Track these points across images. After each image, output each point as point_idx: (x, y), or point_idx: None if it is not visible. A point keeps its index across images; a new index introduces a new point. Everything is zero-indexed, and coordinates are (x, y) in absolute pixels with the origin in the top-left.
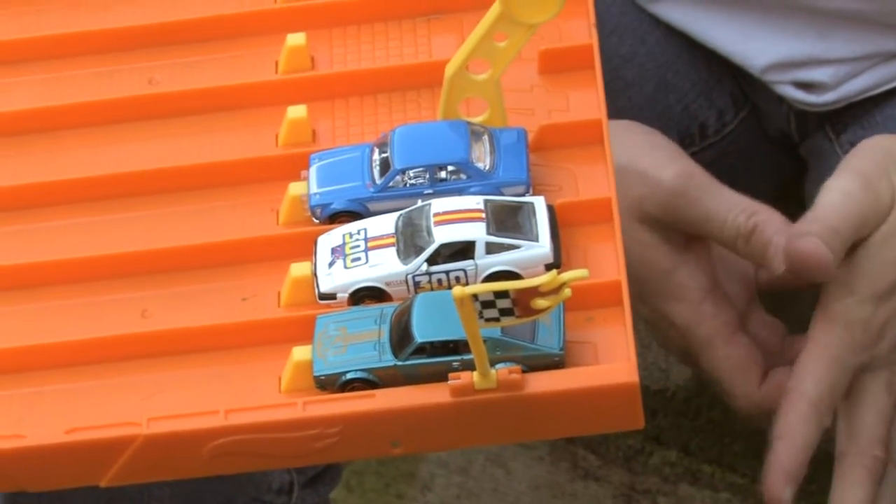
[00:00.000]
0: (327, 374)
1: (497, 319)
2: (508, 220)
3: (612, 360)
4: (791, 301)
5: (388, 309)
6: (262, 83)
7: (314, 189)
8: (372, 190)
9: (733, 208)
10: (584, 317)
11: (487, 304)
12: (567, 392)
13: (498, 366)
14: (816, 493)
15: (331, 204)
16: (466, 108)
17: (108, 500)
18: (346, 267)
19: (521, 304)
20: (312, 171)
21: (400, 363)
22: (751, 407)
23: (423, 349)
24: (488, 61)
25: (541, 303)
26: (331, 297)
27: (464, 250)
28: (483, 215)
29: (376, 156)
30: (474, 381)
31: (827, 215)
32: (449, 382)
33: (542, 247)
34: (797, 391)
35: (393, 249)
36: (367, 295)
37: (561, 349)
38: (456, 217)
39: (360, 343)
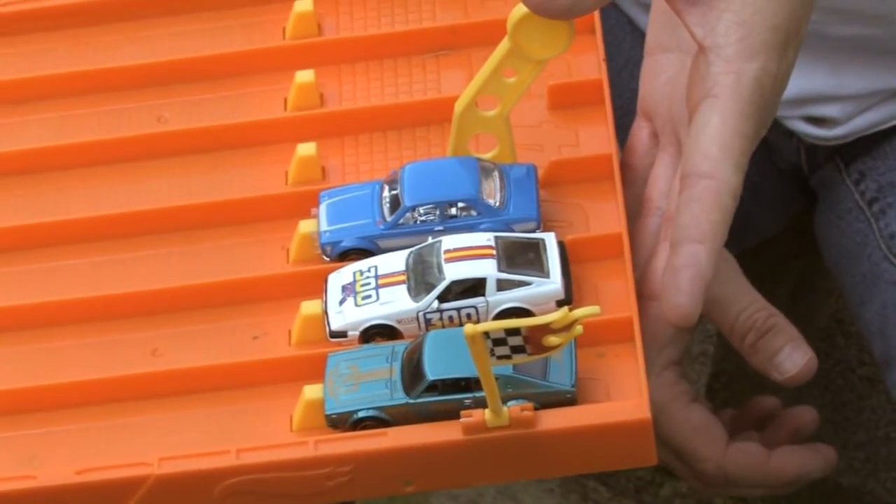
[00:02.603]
0: (339, 413)
1: (509, 357)
2: (519, 257)
3: (624, 397)
4: None
5: (400, 347)
6: (272, 120)
7: (324, 227)
8: (382, 227)
9: (754, 302)
10: (595, 353)
11: (499, 342)
12: (579, 429)
13: (510, 403)
14: None
15: (341, 241)
16: (476, 145)
17: None
18: (356, 305)
19: (532, 341)
20: (322, 208)
21: (412, 401)
22: (716, 469)
23: (434, 387)
24: (497, 97)
25: (552, 340)
26: (342, 335)
27: (475, 287)
28: (494, 252)
29: (386, 193)
30: (486, 418)
31: None
32: (461, 420)
33: (554, 283)
34: (718, 180)
35: (404, 287)
36: (377, 333)
37: (573, 386)
38: (467, 254)
39: (372, 381)
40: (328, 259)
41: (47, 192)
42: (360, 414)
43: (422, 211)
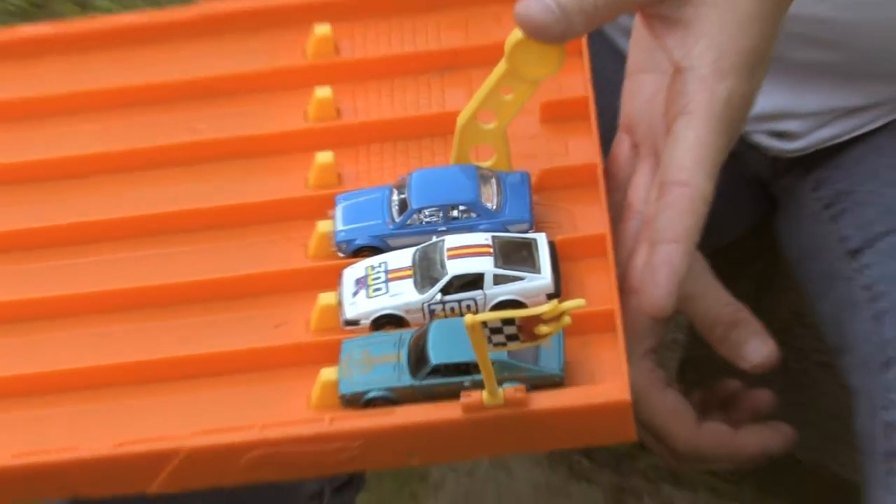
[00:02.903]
0: (352, 393)
1: (504, 344)
2: (514, 255)
3: (606, 380)
4: None
5: (407, 334)
6: (293, 131)
7: (339, 226)
8: (391, 227)
9: (722, 298)
10: (581, 341)
11: (495, 331)
12: (566, 409)
13: (504, 385)
14: None
15: (355, 240)
16: (476, 154)
17: (153, 500)
18: (368, 296)
19: (525, 330)
20: (338, 210)
21: (416, 383)
22: (687, 447)
23: (437, 370)
24: (495, 112)
25: (543, 329)
26: (355, 323)
27: (474, 281)
28: (491, 250)
29: (395, 197)
30: (483, 399)
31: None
32: (461, 400)
33: (544, 278)
34: (692, 187)
35: (410, 281)
36: (387, 322)
37: (561, 370)
38: (467, 252)
39: (381, 365)
40: (343, 255)
41: (95, 195)
42: (371, 394)
43: (427, 213)
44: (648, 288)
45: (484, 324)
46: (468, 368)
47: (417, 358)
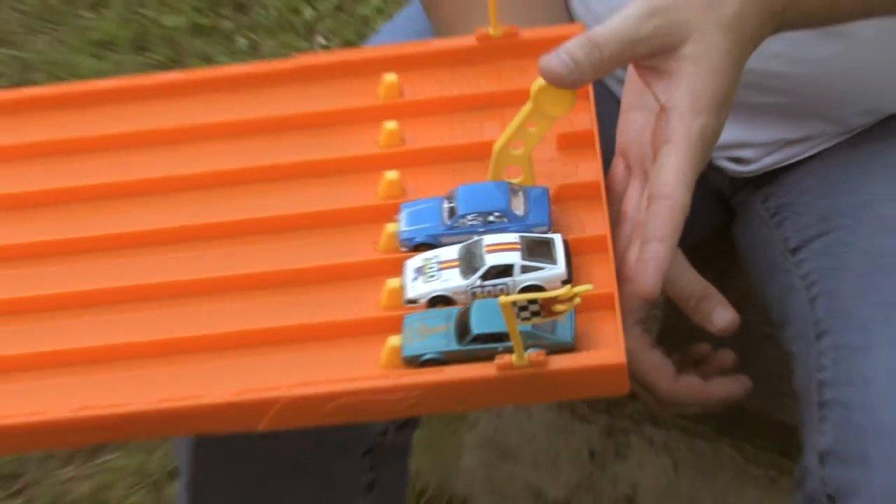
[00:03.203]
0: (412, 356)
1: (529, 318)
2: (536, 250)
3: (607, 347)
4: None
5: (454, 311)
6: (368, 155)
7: (403, 227)
8: (443, 228)
9: (694, 277)
10: (588, 317)
11: (522, 308)
12: (576, 369)
13: (529, 350)
14: None
15: (414, 238)
16: (507, 173)
17: (259, 437)
18: (424, 281)
19: (545, 308)
20: (402, 215)
21: (461, 348)
22: (669, 398)
23: (478, 338)
24: (522, 141)
25: (559, 307)
26: (414, 302)
27: (506, 270)
28: (519, 246)
29: (446, 205)
30: (513, 361)
31: (595, 32)
32: (495, 362)
33: (560, 268)
34: (674, 199)
35: (457, 269)
36: (439, 301)
37: (573, 339)
38: (500, 247)
39: (434, 334)
40: (405, 250)
41: (221, 203)
42: (426, 356)
43: (470, 217)
44: (640, 277)
45: (513, 303)
46: (501, 337)
47: (462, 328)
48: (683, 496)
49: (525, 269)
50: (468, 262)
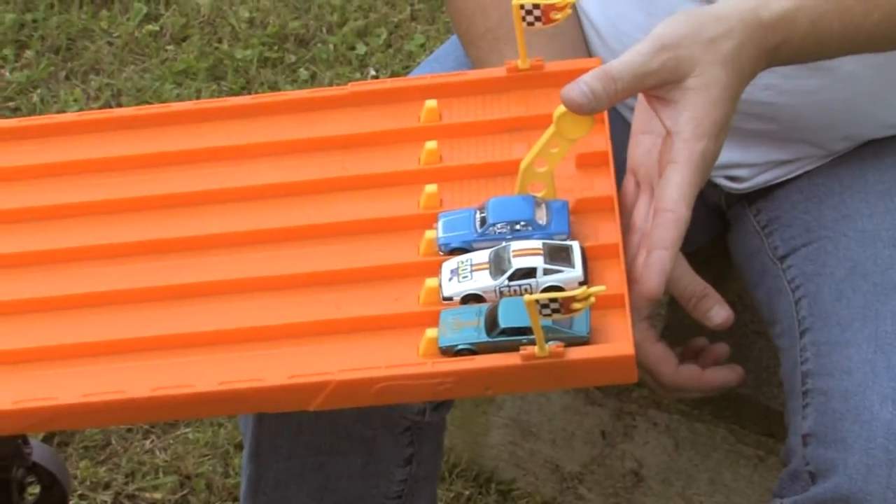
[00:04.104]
0: (447, 346)
1: (550, 315)
2: (557, 255)
3: (618, 340)
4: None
5: (484, 307)
6: (411, 171)
7: (440, 234)
8: (475, 235)
9: (695, 279)
10: (601, 314)
11: (544, 305)
12: (591, 359)
13: (549, 343)
14: None
15: (450, 243)
16: (532, 188)
17: (314, 415)
18: (459, 281)
19: (564, 306)
20: (440, 223)
21: (490, 340)
22: (671, 385)
23: (505, 331)
24: (546, 160)
25: (576, 305)
26: (449, 299)
27: (530, 272)
28: (542, 251)
29: (478, 215)
30: (536, 352)
31: (611, 66)
32: (520, 352)
33: (577, 272)
34: (677, 213)
35: (487, 271)
36: (471, 298)
37: (588, 334)
38: (526, 252)
39: (467, 327)
40: (442, 253)
41: (274, 212)
42: (459, 347)
43: (499, 226)
44: (646, 280)
45: (537, 301)
46: (525, 331)
47: (491, 323)
48: (683, 471)
49: (546, 272)
50: (497, 265)
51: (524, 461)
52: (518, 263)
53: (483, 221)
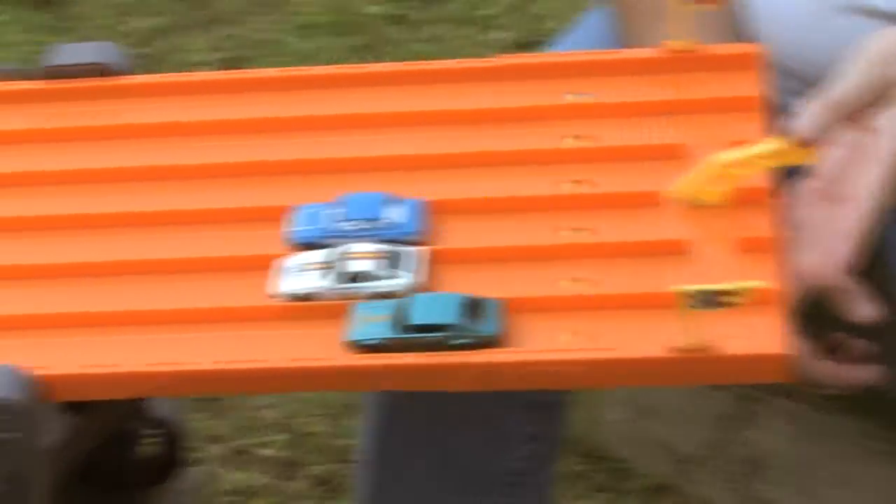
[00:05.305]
0: (356, 340)
1: (715, 307)
2: (393, 260)
3: (769, 338)
4: None
5: (397, 302)
6: (552, 150)
7: (295, 227)
8: (324, 232)
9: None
10: (754, 310)
11: (705, 299)
12: (741, 356)
13: (457, 341)
14: None
15: (308, 237)
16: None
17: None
18: (292, 279)
19: (719, 300)
20: (299, 215)
21: (402, 336)
22: (807, 377)
23: (418, 328)
24: (748, 164)
25: (729, 300)
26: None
27: (360, 276)
28: (378, 255)
29: (336, 210)
30: (682, 345)
31: (829, 94)
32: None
33: (408, 279)
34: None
35: (321, 271)
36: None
37: (495, 333)
38: (360, 255)
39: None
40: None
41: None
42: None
43: (351, 223)
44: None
45: (686, 293)
46: (439, 328)
47: (404, 319)
48: (805, 463)
49: (375, 277)
50: (331, 266)
51: (639, 440)
52: (350, 267)
53: (339, 217)
